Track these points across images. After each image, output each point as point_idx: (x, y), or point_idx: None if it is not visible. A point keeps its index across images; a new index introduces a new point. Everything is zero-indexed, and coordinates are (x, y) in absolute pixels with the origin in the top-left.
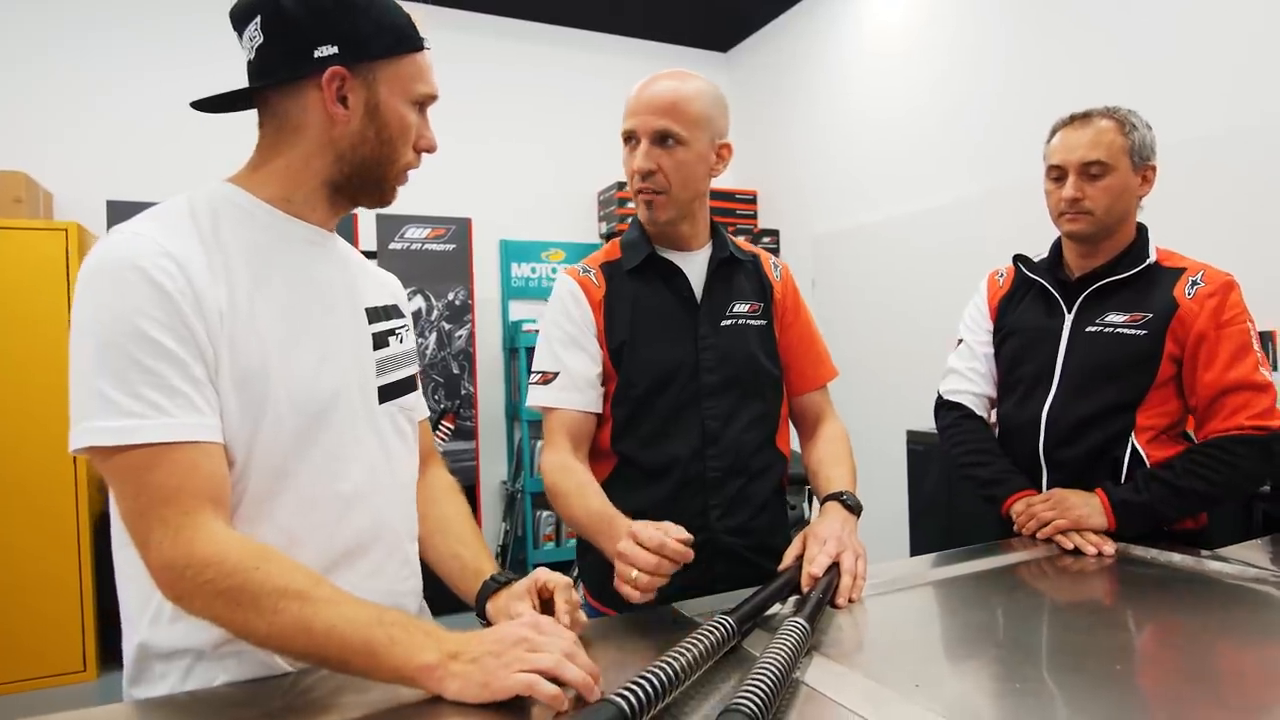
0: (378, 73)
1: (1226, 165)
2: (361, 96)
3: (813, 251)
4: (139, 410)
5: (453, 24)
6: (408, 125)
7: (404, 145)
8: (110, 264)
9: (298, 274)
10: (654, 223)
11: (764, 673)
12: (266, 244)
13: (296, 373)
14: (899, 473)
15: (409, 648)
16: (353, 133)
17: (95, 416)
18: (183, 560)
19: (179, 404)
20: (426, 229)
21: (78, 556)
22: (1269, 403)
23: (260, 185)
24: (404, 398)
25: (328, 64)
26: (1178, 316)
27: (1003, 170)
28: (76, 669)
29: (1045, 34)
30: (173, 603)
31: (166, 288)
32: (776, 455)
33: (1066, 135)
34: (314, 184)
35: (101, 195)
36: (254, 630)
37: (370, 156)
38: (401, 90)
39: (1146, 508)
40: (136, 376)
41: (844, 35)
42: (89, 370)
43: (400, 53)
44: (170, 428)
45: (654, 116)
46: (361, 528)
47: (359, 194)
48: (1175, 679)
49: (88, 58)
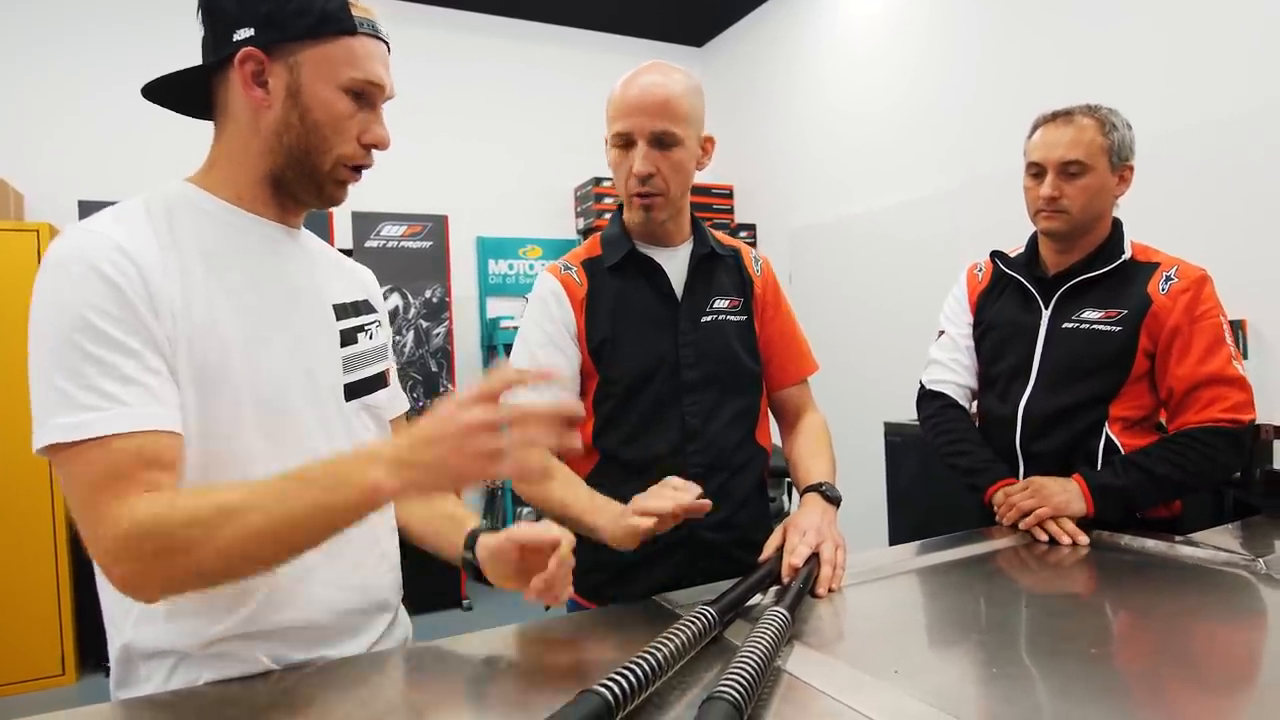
0: (299, 56)
1: (1199, 157)
2: (282, 80)
3: (790, 245)
4: (93, 403)
5: (427, 20)
6: (337, 112)
7: (335, 134)
8: (62, 260)
9: (259, 271)
10: (651, 224)
11: (746, 662)
12: (225, 241)
13: (259, 370)
14: (877, 463)
15: (350, 485)
16: (277, 119)
17: (54, 414)
18: (117, 544)
19: (134, 393)
20: (402, 226)
21: (55, 560)
22: (1241, 397)
23: (218, 184)
24: (373, 395)
25: (244, 45)
26: (1151, 312)
27: (978, 163)
28: (55, 673)
29: (1020, 28)
30: (132, 596)
31: (118, 283)
32: (757, 450)
33: (1047, 133)
34: (255, 178)
35: (73, 195)
36: (209, 567)
37: (297, 145)
38: (327, 75)
39: (1124, 492)
40: (91, 370)
41: (819, 29)
42: (45, 368)
43: (323, 35)
44: (125, 417)
45: (650, 118)
46: None
47: (296, 188)
48: (1150, 661)
49: (59, 59)
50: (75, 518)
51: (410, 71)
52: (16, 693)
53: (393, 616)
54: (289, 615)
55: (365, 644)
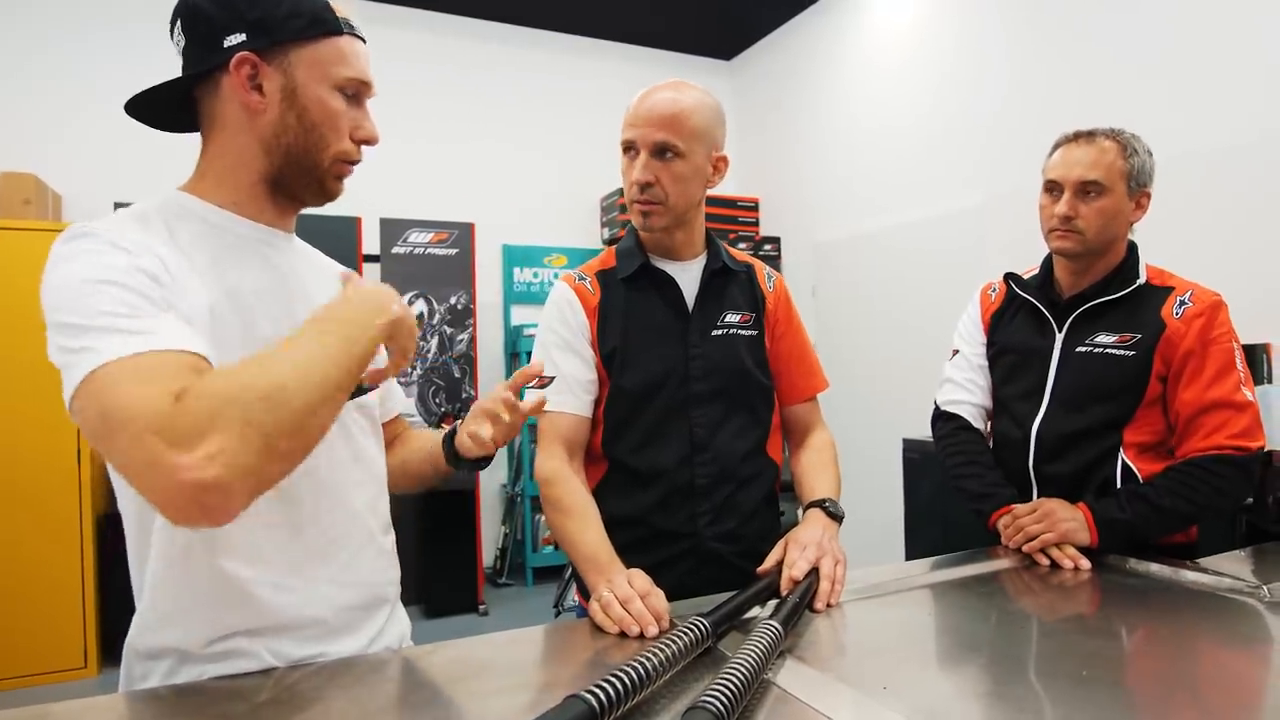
0: (292, 57)
1: (1219, 180)
2: (277, 82)
3: (814, 259)
4: (140, 328)
5: (456, 31)
6: (332, 111)
7: (331, 132)
8: (77, 237)
9: (256, 277)
10: (649, 230)
11: (732, 673)
12: (223, 248)
13: None
14: (895, 480)
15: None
16: (273, 121)
17: (96, 343)
18: (202, 419)
19: (171, 324)
20: (429, 233)
21: (80, 555)
22: (1248, 422)
23: (210, 190)
24: (363, 396)
25: (236, 51)
26: (1165, 336)
27: (1003, 180)
28: (78, 665)
29: (1045, 46)
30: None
31: (137, 256)
32: (767, 463)
33: (1067, 152)
34: (252, 181)
35: (109, 197)
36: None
37: (296, 145)
38: (320, 75)
39: (1129, 526)
40: (125, 308)
41: (846, 44)
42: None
43: (313, 36)
44: (172, 339)
45: (653, 129)
46: (333, 524)
47: (296, 186)
48: (1143, 686)
49: (96, 59)
50: (121, 443)
51: (439, 80)
52: (39, 684)
53: (390, 610)
54: (290, 613)
55: (365, 639)
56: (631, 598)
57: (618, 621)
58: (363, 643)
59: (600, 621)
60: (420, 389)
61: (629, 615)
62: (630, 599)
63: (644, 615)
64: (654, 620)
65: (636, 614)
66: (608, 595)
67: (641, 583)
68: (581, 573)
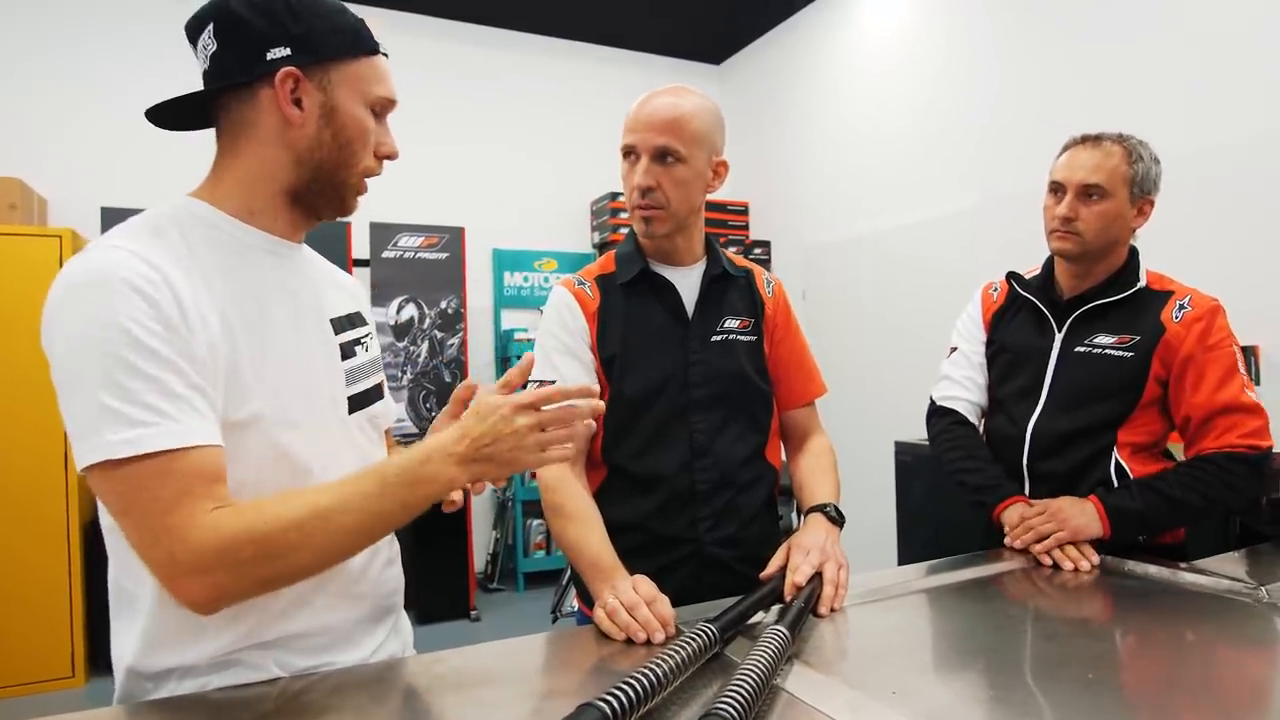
0: (333, 75)
1: (1214, 181)
2: (317, 99)
3: (804, 262)
4: (145, 418)
5: (448, 35)
6: (365, 129)
7: (362, 149)
8: (95, 276)
9: (266, 288)
10: (650, 236)
11: (744, 679)
12: (234, 257)
13: (265, 382)
14: (887, 483)
15: (433, 482)
16: (309, 136)
17: (104, 430)
18: (208, 558)
19: (181, 409)
20: (419, 237)
21: (68, 563)
22: (1259, 423)
23: (223, 198)
24: (372, 406)
25: (281, 65)
26: (1164, 340)
27: (994, 183)
28: (65, 675)
29: (1037, 48)
30: (206, 608)
31: (156, 298)
32: (766, 467)
33: (1073, 154)
34: (273, 191)
35: (96, 201)
36: (305, 564)
37: (327, 161)
38: (358, 93)
39: (1140, 515)
40: (138, 385)
41: (836, 48)
42: (87, 385)
43: (355, 55)
44: (177, 433)
45: (654, 134)
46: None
47: (318, 201)
48: (1148, 687)
49: (83, 63)
50: (134, 535)
51: (430, 85)
52: (26, 694)
53: (394, 620)
54: (296, 625)
55: (370, 649)
56: (637, 604)
57: (624, 628)
58: (367, 652)
59: (606, 628)
60: (411, 394)
61: (635, 622)
62: (636, 605)
63: (650, 621)
64: (660, 626)
65: (643, 620)
66: (613, 601)
67: (646, 589)
68: (585, 578)
